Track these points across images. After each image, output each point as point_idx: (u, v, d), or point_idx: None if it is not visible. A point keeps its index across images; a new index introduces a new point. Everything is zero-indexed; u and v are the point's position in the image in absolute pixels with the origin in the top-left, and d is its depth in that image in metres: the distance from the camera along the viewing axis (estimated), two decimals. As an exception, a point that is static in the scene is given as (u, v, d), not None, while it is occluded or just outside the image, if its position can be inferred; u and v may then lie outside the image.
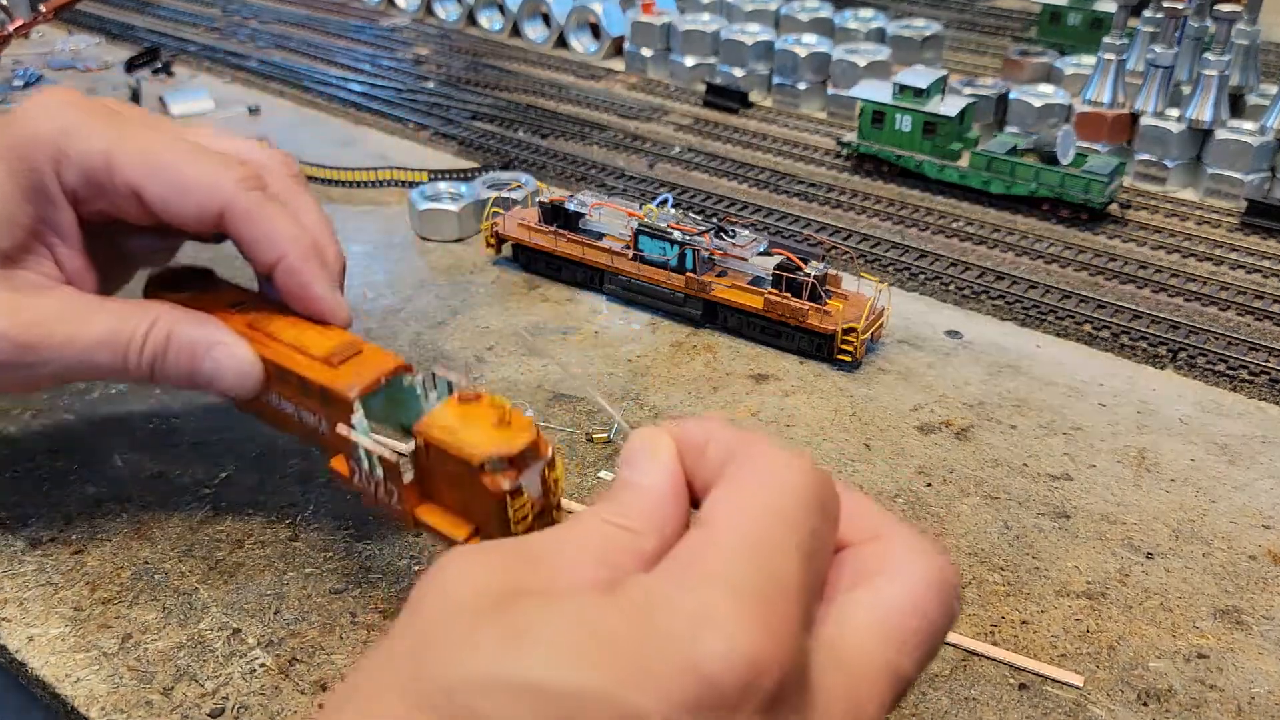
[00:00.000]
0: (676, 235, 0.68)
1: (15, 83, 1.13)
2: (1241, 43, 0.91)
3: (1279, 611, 0.49)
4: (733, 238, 0.69)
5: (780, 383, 0.65)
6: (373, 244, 0.81)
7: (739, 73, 1.10)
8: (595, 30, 1.23)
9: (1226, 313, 0.72)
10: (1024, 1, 1.35)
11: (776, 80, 1.08)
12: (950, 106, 0.89)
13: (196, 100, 1.07)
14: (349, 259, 0.52)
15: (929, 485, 0.56)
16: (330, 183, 0.91)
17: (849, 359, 0.65)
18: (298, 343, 0.46)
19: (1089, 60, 1.02)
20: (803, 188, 0.91)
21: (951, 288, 0.76)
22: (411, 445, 0.41)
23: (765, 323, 0.67)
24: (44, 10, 1.13)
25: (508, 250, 0.78)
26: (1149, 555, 0.52)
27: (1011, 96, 0.97)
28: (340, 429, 0.43)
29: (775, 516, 0.28)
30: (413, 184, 0.89)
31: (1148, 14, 0.97)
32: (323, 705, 0.43)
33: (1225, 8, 0.87)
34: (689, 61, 1.13)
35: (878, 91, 0.92)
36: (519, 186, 0.82)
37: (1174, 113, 0.90)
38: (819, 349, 0.66)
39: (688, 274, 0.69)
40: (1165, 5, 0.92)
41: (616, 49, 1.21)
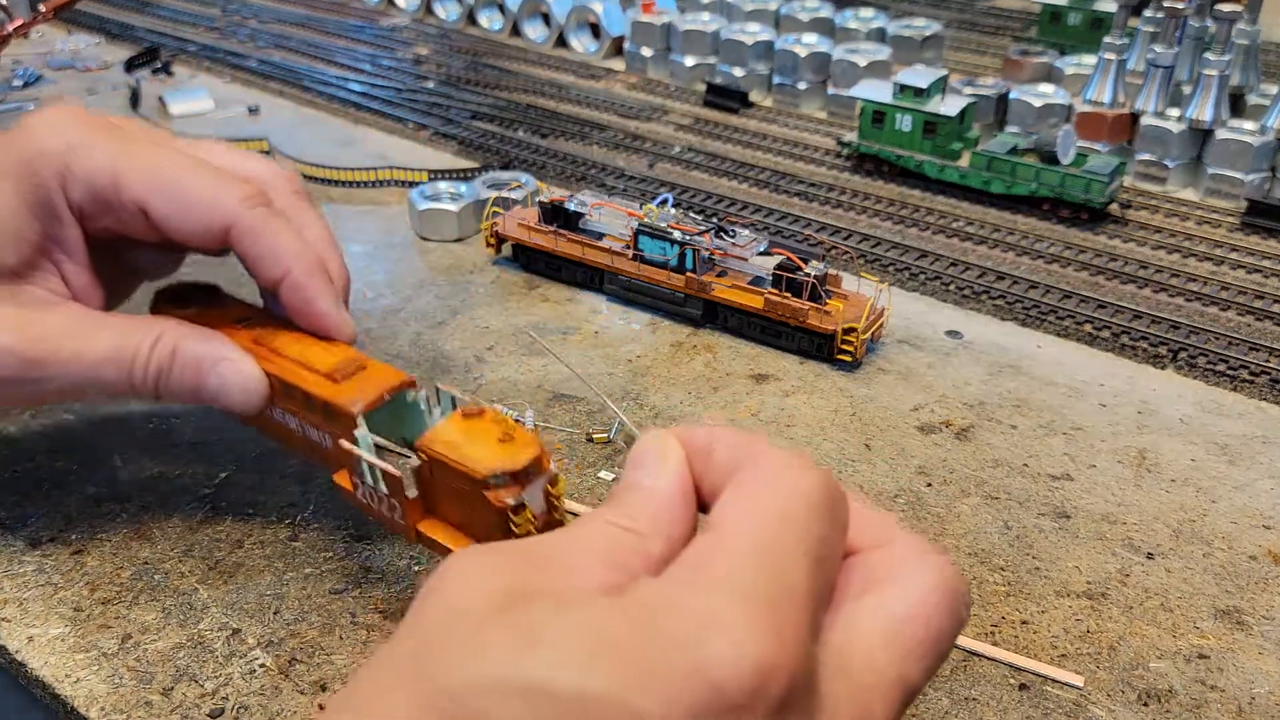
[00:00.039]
0: (676, 235, 0.68)
1: (15, 83, 1.13)
2: (1242, 42, 0.91)
3: (1279, 612, 0.49)
4: (733, 238, 0.69)
5: (780, 383, 0.65)
6: (372, 244, 0.81)
7: (739, 72, 1.10)
8: (595, 30, 1.23)
9: (1227, 313, 0.72)
10: (1024, 1, 1.35)
11: (776, 80, 1.08)
12: (950, 106, 0.89)
13: (196, 100, 1.07)
14: (349, 259, 0.53)
15: (929, 485, 0.56)
16: (330, 183, 0.91)
17: (849, 359, 0.65)
18: (302, 358, 0.47)
19: (1089, 60, 1.01)
20: (803, 188, 0.90)
21: (952, 288, 0.76)
22: (415, 460, 0.41)
23: (765, 323, 0.67)
24: (44, 10, 1.13)
25: (508, 250, 0.78)
26: (1149, 555, 0.52)
27: (1012, 96, 0.97)
28: (344, 444, 0.44)
29: (785, 522, 0.27)
30: (412, 184, 0.89)
31: (1148, 14, 0.97)
32: (323, 706, 0.43)
33: (1225, 7, 0.87)
34: (689, 61, 1.13)
35: (878, 91, 0.92)
36: (519, 186, 0.82)
37: (1174, 112, 0.90)
38: (819, 349, 0.66)
39: (688, 274, 0.69)
40: (1166, 5, 0.92)
41: (616, 49, 1.21)
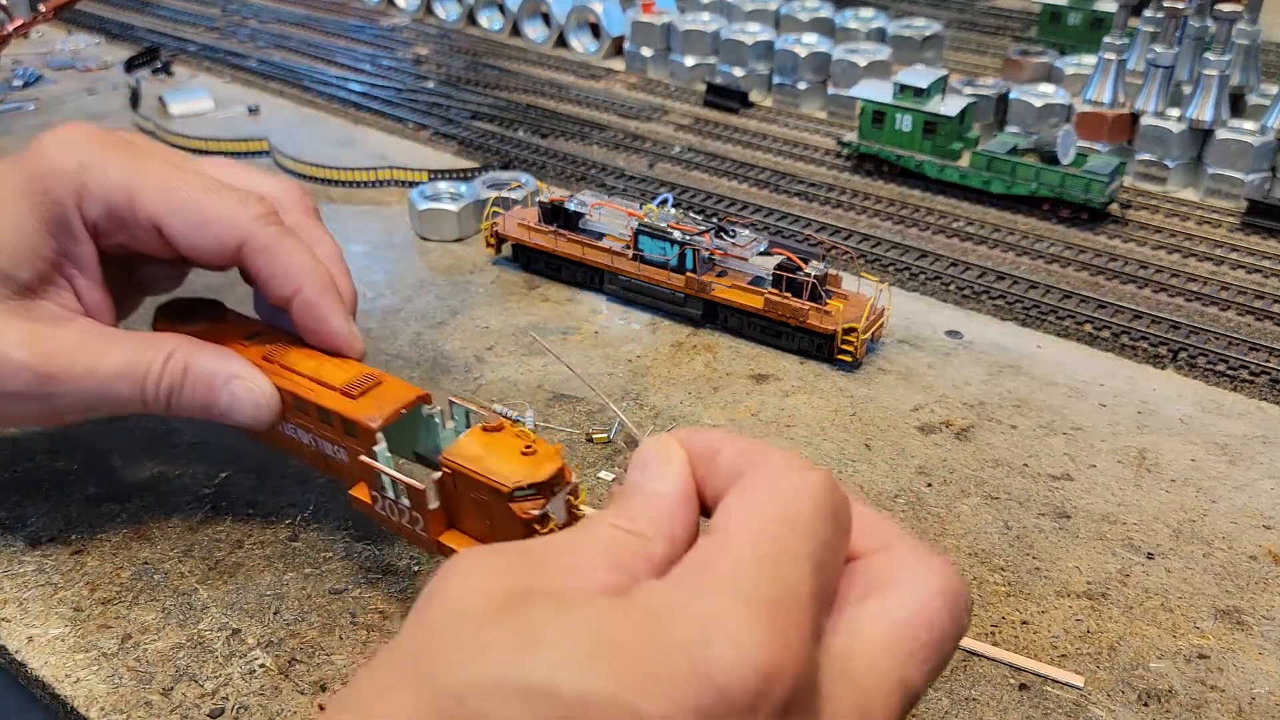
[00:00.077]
0: (676, 235, 0.68)
1: (15, 83, 1.13)
2: (1242, 42, 0.91)
3: (1279, 612, 0.49)
4: (733, 238, 0.69)
5: (780, 383, 0.65)
6: (372, 244, 0.81)
7: (739, 72, 1.10)
8: (595, 30, 1.23)
9: (1227, 313, 0.72)
10: (1024, 1, 1.35)
11: (776, 80, 1.08)
12: (950, 106, 0.89)
13: (196, 100, 1.07)
14: (349, 259, 0.53)
15: (929, 485, 0.56)
16: (330, 183, 0.91)
17: (849, 359, 0.65)
18: (316, 374, 0.47)
19: (1089, 60, 1.01)
20: (803, 188, 0.90)
21: (952, 288, 0.76)
22: (438, 474, 0.42)
23: (765, 323, 0.67)
24: (44, 10, 1.13)
25: (508, 250, 0.78)
26: (1149, 555, 0.52)
27: (1012, 96, 0.97)
28: (364, 459, 0.44)
29: (788, 525, 0.27)
30: (413, 184, 0.89)
31: (1148, 14, 0.97)
32: (323, 706, 0.43)
33: (1226, 7, 0.87)
34: (689, 61, 1.13)
35: (878, 91, 0.92)
36: (519, 186, 0.82)
37: (1174, 112, 0.90)
38: (819, 349, 0.66)
39: (688, 274, 0.69)
40: (1166, 5, 0.92)
41: (616, 49, 1.21)
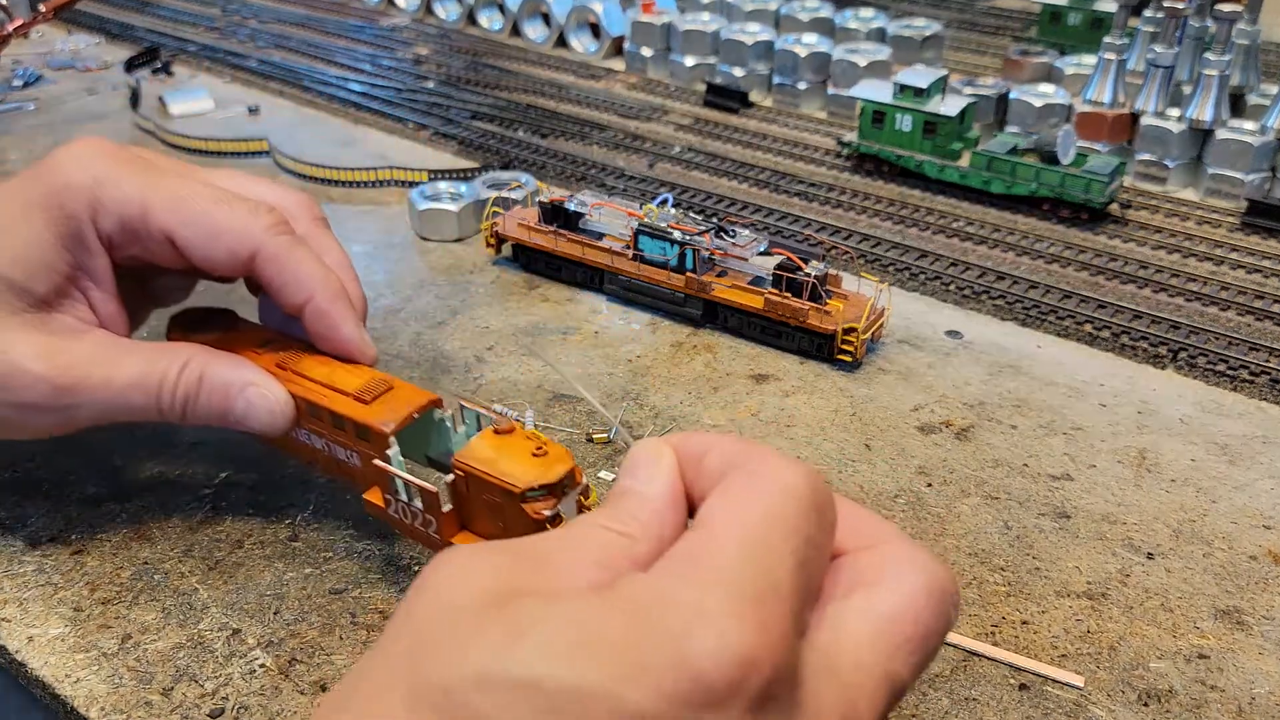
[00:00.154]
0: (676, 235, 0.68)
1: (15, 83, 1.13)
2: (1242, 42, 0.91)
3: (1279, 612, 0.49)
4: (733, 238, 0.69)
5: (780, 383, 0.65)
6: (373, 244, 0.81)
7: (739, 72, 1.10)
8: (595, 30, 1.23)
9: (1227, 313, 0.72)
10: (1024, 1, 1.35)
11: (776, 80, 1.08)
12: (950, 106, 0.89)
13: (196, 100, 1.07)
14: (349, 258, 0.53)
15: (929, 485, 0.56)
16: (330, 183, 0.91)
17: (849, 359, 0.65)
18: (329, 380, 0.48)
19: (1089, 60, 1.01)
20: (803, 188, 0.90)
21: (952, 288, 0.76)
22: (450, 476, 0.43)
23: (765, 323, 0.67)
24: (44, 10, 1.13)
25: (508, 250, 0.78)
26: (1149, 555, 0.52)
27: (1012, 96, 0.97)
28: (378, 463, 0.45)
29: (772, 520, 0.28)
30: (413, 184, 0.89)
31: (1148, 14, 0.97)
32: (320, 705, 0.43)
33: (1226, 7, 0.87)
34: (689, 61, 1.13)
35: (878, 91, 0.92)
36: (519, 186, 0.82)
37: (1174, 112, 0.90)
38: (819, 349, 0.66)
39: (688, 274, 0.69)
40: (1166, 5, 0.92)
41: (616, 49, 1.21)
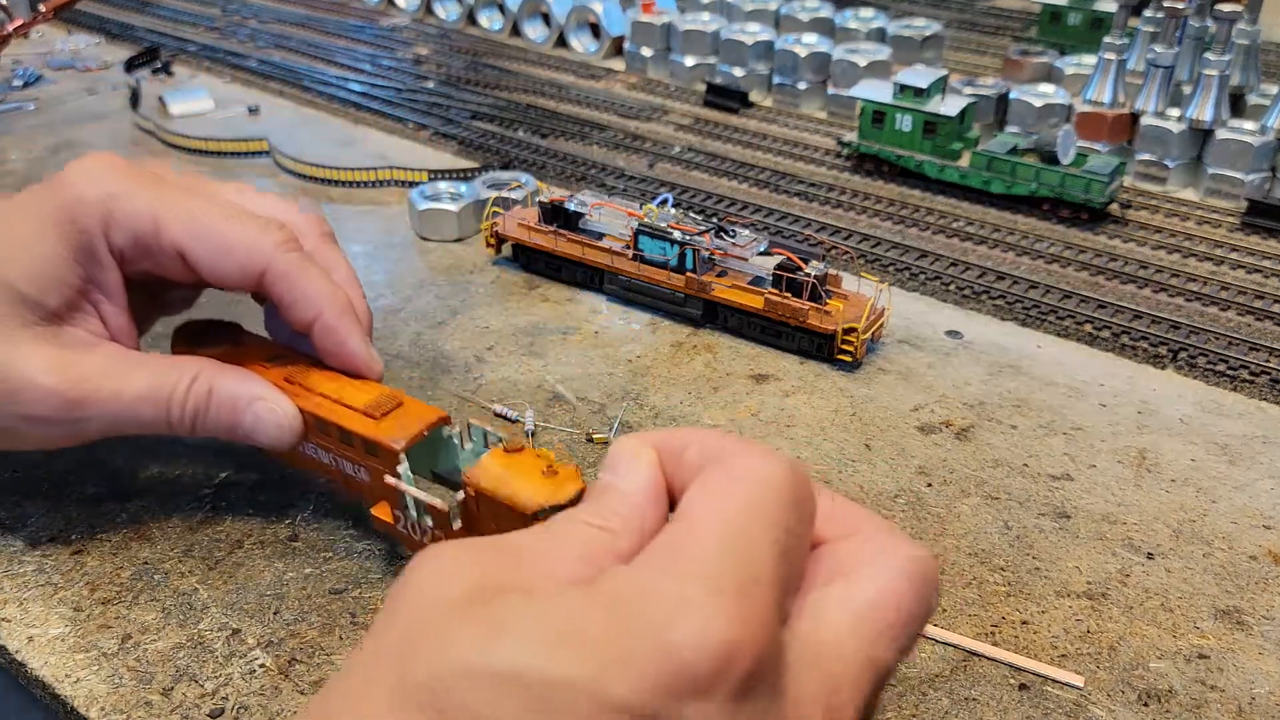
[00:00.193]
0: (676, 235, 0.68)
1: (15, 83, 1.13)
2: (1242, 42, 0.91)
3: (1279, 612, 0.49)
4: (733, 238, 0.69)
5: (780, 383, 0.65)
6: (373, 244, 0.81)
7: (739, 72, 1.10)
8: (595, 30, 1.23)
9: (1227, 313, 0.72)
10: (1024, 1, 1.35)
11: (776, 80, 1.08)
12: (950, 106, 0.89)
13: (196, 100, 1.07)
14: (349, 259, 0.53)
15: (929, 485, 0.56)
16: (330, 183, 0.91)
17: (849, 359, 0.65)
18: (338, 396, 0.48)
19: (1089, 60, 1.01)
20: (803, 188, 0.90)
21: (952, 288, 0.76)
22: (461, 494, 0.43)
23: (765, 323, 0.67)
24: (44, 10, 1.13)
25: (508, 250, 0.78)
26: (1149, 555, 0.52)
27: (1012, 96, 0.97)
28: (388, 480, 0.45)
29: (751, 511, 0.28)
30: (413, 184, 0.89)
31: (1148, 14, 0.97)
32: (309, 702, 0.43)
33: (1226, 7, 0.87)
34: (689, 61, 1.13)
35: (878, 91, 0.92)
36: (519, 186, 0.82)
37: (1174, 112, 0.90)
38: (819, 349, 0.66)
39: (688, 274, 0.69)
40: (1166, 5, 0.92)
41: (616, 49, 1.21)
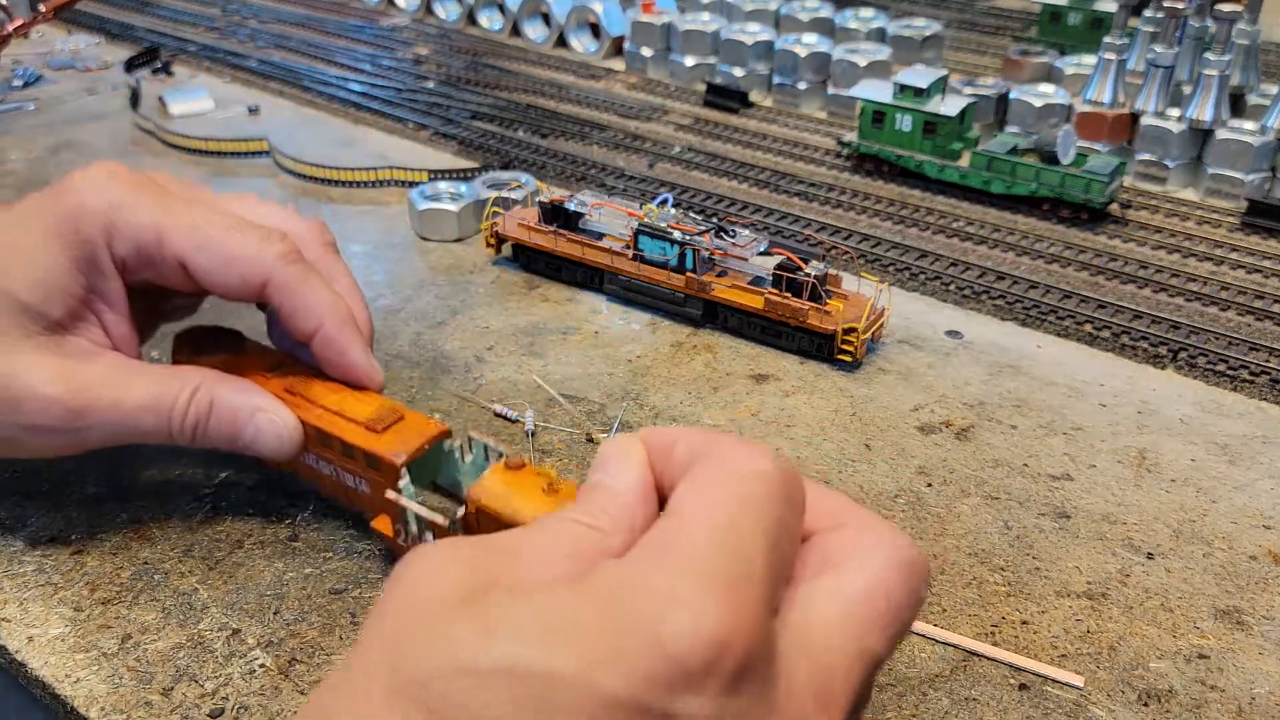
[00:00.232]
0: (676, 235, 0.68)
1: (15, 83, 1.13)
2: (1242, 42, 0.91)
3: (1279, 612, 0.49)
4: (733, 238, 0.69)
5: (780, 383, 0.65)
6: (373, 244, 0.81)
7: (739, 72, 1.10)
8: (595, 30, 1.23)
9: (1227, 313, 0.72)
10: (1024, 1, 1.35)
11: (776, 80, 1.08)
12: (950, 106, 0.89)
13: (196, 100, 1.07)
14: (349, 259, 0.53)
15: (929, 485, 0.56)
16: (330, 183, 0.91)
17: (849, 359, 0.65)
18: (339, 408, 0.48)
19: (1089, 60, 1.01)
20: (803, 188, 0.90)
21: (952, 288, 0.76)
22: (462, 510, 0.43)
23: (765, 323, 0.67)
24: (43, 10, 1.13)
25: (508, 250, 0.78)
26: (1149, 555, 0.52)
27: (1012, 96, 0.97)
28: (390, 494, 0.45)
29: (740, 505, 0.28)
30: (413, 184, 0.89)
31: (1148, 14, 0.97)
32: (304, 704, 0.43)
33: (1226, 7, 0.87)
34: (689, 61, 1.13)
35: (878, 91, 0.92)
36: (519, 186, 0.82)
37: (1174, 113, 0.90)
38: (819, 349, 0.66)
39: (688, 274, 0.69)
40: (1166, 5, 0.92)
41: (616, 49, 1.21)
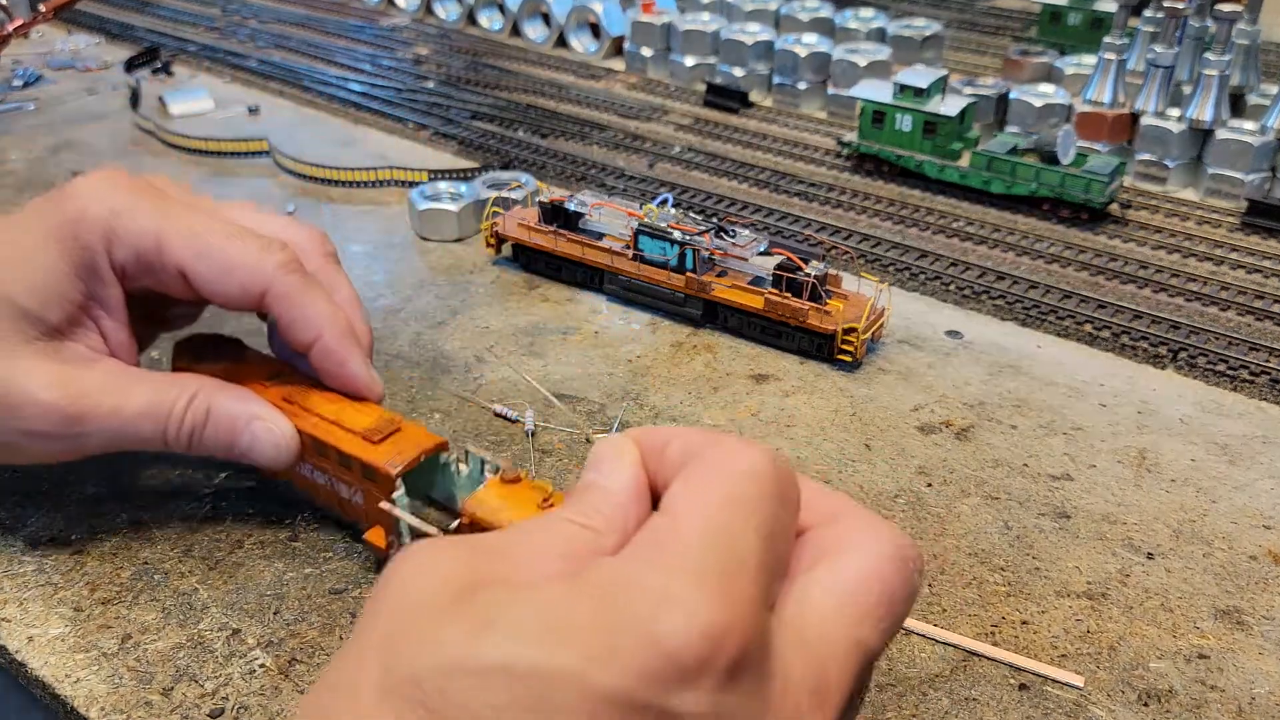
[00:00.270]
0: (676, 235, 0.68)
1: (15, 83, 1.13)
2: (1242, 42, 0.91)
3: (1279, 612, 0.49)
4: (733, 238, 0.69)
5: (780, 383, 0.65)
6: (373, 244, 0.81)
7: (739, 72, 1.10)
8: (595, 30, 1.23)
9: (1227, 313, 0.72)
10: (1024, 1, 1.35)
11: (776, 80, 1.08)
12: (950, 106, 0.89)
13: (196, 100, 1.07)
14: (349, 259, 0.53)
15: (929, 485, 0.56)
16: (330, 183, 0.91)
17: (849, 359, 0.65)
18: (336, 418, 0.48)
19: (1089, 60, 1.01)
20: (803, 188, 0.90)
21: (952, 288, 0.76)
22: (456, 523, 0.43)
23: (765, 323, 0.67)
24: (44, 10, 1.13)
25: (508, 250, 0.78)
26: (1149, 555, 0.52)
27: (1012, 96, 0.97)
28: (384, 505, 0.45)
29: (734, 502, 0.28)
30: (413, 184, 0.89)
31: (1148, 14, 0.97)
32: (299, 705, 0.43)
33: (1226, 7, 0.87)
34: (689, 61, 1.13)
35: (878, 91, 0.92)
36: (519, 186, 0.82)
37: (1174, 112, 0.90)
38: (819, 349, 0.66)
39: (688, 274, 0.69)
40: (1166, 5, 0.92)
41: (616, 49, 1.21)
